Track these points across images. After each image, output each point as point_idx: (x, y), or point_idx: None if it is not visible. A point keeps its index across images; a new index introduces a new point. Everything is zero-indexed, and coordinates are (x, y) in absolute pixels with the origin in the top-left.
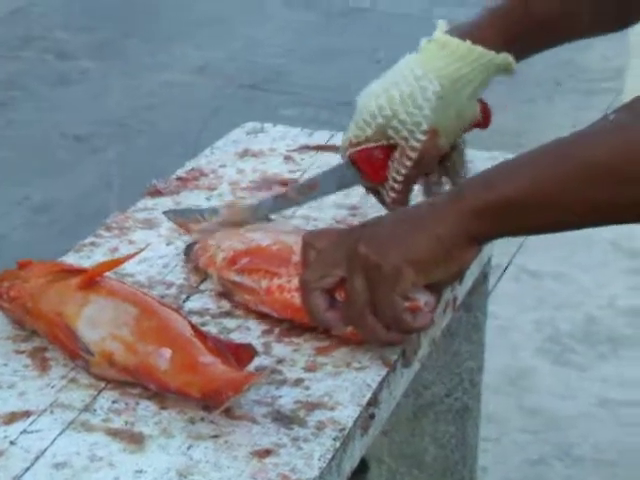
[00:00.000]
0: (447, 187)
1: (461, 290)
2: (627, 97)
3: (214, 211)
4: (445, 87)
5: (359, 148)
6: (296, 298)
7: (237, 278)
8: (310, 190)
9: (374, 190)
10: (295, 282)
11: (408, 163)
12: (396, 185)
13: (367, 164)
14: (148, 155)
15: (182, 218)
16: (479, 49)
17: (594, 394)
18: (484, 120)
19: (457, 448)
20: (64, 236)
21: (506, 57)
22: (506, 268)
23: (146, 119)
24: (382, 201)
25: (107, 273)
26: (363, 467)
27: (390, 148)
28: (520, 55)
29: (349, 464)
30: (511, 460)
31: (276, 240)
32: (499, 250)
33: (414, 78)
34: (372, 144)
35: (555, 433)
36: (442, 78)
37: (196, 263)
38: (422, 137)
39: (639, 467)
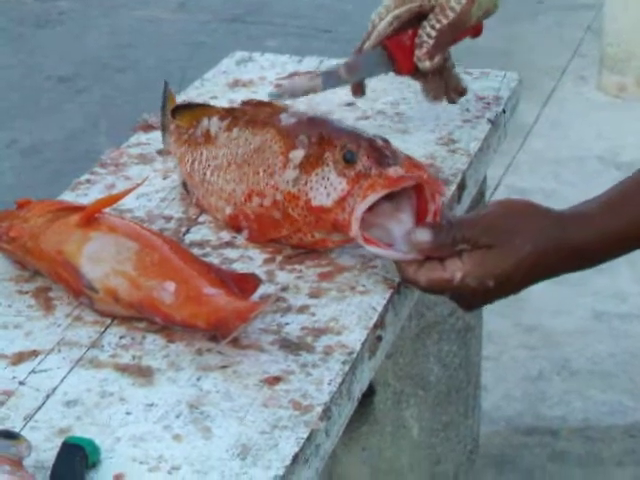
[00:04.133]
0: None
1: (460, 209)
2: (608, 12)
3: None
4: None
5: (389, 34)
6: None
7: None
8: (355, 71)
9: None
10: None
11: (444, 21)
12: (429, 40)
13: (398, 49)
14: (133, 93)
15: None
16: None
17: (588, 308)
18: (477, 30)
19: (461, 367)
20: (55, 178)
21: None
22: (496, 188)
23: (128, 57)
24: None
25: (106, 209)
26: (370, 391)
27: (413, 34)
28: None
29: (359, 387)
30: (511, 377)
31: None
32: (489, 171)
33: None
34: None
35: (552, 348)
36: None
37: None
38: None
39: (635, 377)
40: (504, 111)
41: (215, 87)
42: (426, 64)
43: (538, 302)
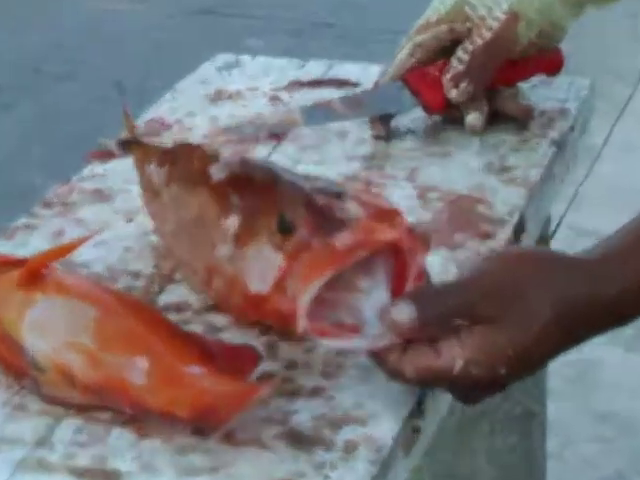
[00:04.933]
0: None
1: None
2: None
3: None
4: None
5: (411, 67)
6: None
7: None
8: (356, 106)
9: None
10: None
11: (479, 41)
12: (459, 66)
13: (421, 82)
14: (77, 109)
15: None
16: None
17: None
18: (554, 65)
19: (521, 464)
20: None
21: None
22: (557, 228)
23: (70, 61)
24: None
25: (54, 264)
26: None
27: (445, 65)
28: None
29: None
30: (580, 479)
31: None
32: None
33: None
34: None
35: (633, 440)
36: None
37: None
38: (501, 16)
39: None
40: (572, 129)
41: (192, 101)
42: (452, 93)
43: (612, 380)
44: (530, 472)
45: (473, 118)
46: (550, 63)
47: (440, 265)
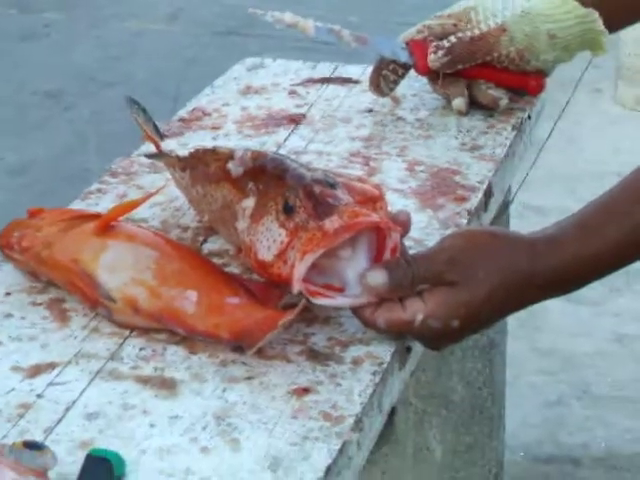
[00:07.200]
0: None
1: (486, 217)
2: None
3: None
4: (530, 10)
5: (416, 38)
6: None
7: None
8: (361, 41)
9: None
10: None
11: (468, 34)
12: (446, 43)
13: (417, 48)
14: (123, 109)
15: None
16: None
17: (609, 330)
18: (530, 87)
19: (485, 386)
20: (44, 198)
21: (591, 13)
22: (509, 204)
23: (118, 71)
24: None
25: (122, 218)
26: (390, 410)
27: None
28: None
29: (389, 400)
30: (529, 403)
31: None
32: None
33: None
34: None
35: (572, 372)
36: (530, 8)
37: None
38: (493, 25)
39: None
40: (529, 117)
41: (227, 94)
42: (431, 56)
43: (555, 324)
44: (492, 392)
45: (459, 102)
46: (527, 84)
47: (426, 222)
